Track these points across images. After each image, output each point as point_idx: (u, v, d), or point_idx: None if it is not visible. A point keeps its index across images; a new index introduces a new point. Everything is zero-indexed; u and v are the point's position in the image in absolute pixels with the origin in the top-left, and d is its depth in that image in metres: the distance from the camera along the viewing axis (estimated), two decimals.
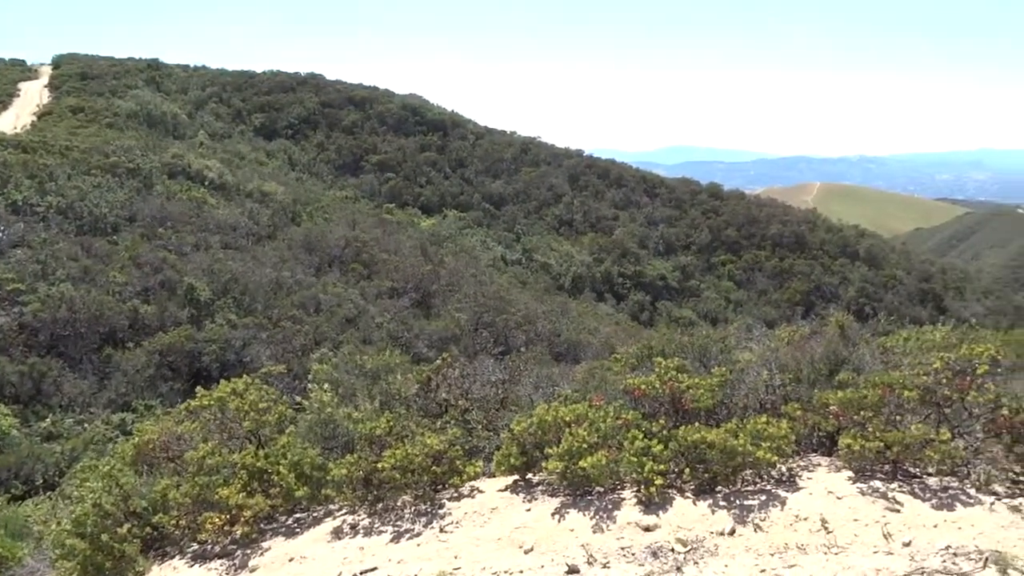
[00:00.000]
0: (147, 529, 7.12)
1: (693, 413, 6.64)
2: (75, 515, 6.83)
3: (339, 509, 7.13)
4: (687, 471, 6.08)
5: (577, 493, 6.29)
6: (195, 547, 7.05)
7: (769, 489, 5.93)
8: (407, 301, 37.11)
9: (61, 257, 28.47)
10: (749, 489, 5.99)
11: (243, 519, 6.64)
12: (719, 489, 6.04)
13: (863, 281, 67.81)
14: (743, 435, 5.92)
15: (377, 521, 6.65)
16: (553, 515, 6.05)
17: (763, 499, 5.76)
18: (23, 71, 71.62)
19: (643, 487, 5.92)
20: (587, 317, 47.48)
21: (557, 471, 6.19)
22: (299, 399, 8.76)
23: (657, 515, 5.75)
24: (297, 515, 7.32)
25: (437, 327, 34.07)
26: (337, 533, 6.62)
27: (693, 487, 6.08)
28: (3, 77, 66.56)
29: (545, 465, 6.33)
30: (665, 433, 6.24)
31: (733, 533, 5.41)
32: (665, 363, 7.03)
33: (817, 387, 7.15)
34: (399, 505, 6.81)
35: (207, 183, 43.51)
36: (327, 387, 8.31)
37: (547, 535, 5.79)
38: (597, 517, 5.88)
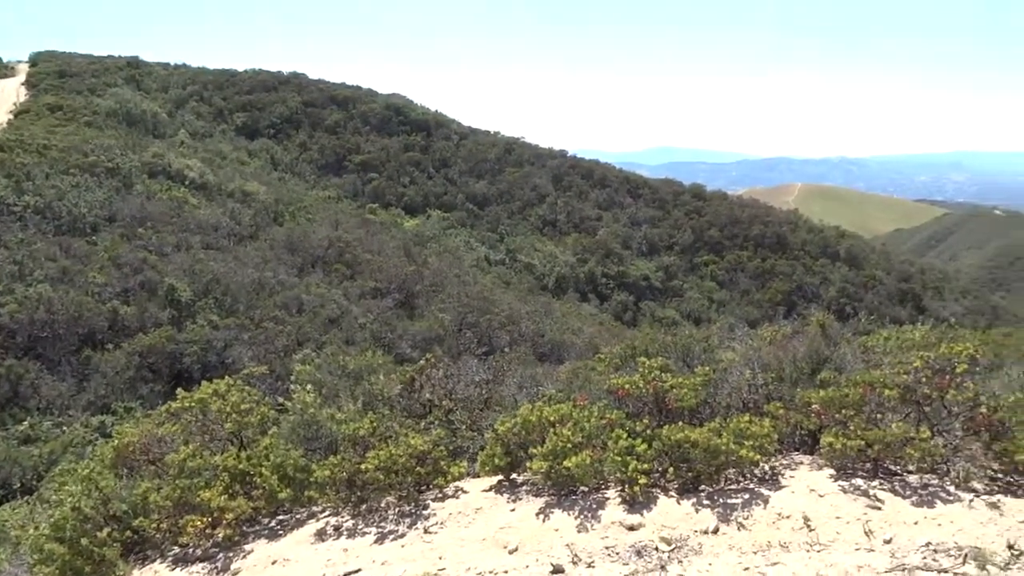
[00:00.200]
0: (127, 533, 7.03)
1: (677, 412, 6.66)
2: (54, 519, 6.73)
3: (322, 511, 7.08)
4: (671, 470, 6.10)
5: (561, 493, 6.29)
6: (176, 550, 6.97)
7: (752, 488, 5.96)
8: (390, 301, 37.01)
9: (39, 257, 28.12)
10: (732, 488, 6.03)
11: (225, 522, 6.57)
12: (703, 488, 6.06)
13: (844, 281, 68.63)
14: (726, 434, 5.95)
15: (361, 522, 6.61)
16: (538, 515, 6.04)
17: (746, 497, 5.79)
18: None
19: (627, 486, 5.93)
20: (571, 317, 47.64)
21: (541, 471, 6.18)
22: (281, 400, 8.69)
23: (641, 514, 5.77)
24: (280, 517, 7.25)
25: (421, 327, 34.02)
26: (320, 535, 6.58)
27: (677, 486, 6.10)
28: None
29: (529, 465, 6.32)
30: (649, 432, 6.25)
31: (717, 532, 5.44)
32: (649, 363, 7.05)
33: (799, 386, 7.20)
34: (383, 506, 6.77)
35: (188, 183, 43.12)
36: (310, 388, 8.24)
37: (532, 535, 5.79)
38: (582, 517, 5.89)
